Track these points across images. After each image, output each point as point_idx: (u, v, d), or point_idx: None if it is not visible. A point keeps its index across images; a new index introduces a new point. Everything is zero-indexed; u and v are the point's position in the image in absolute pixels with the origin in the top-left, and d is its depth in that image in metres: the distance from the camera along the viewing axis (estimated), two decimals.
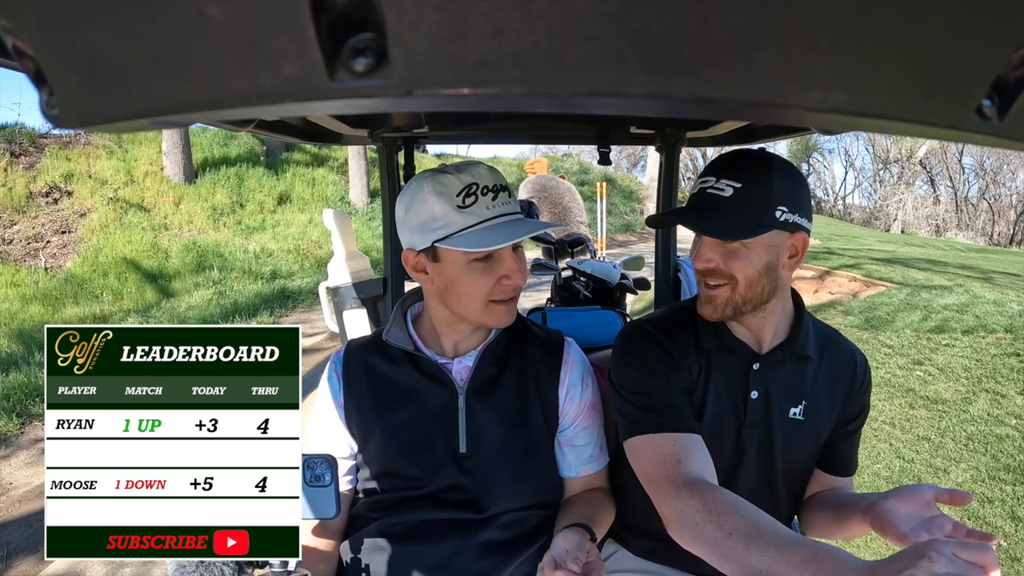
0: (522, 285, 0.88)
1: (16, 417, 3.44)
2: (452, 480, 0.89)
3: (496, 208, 0.83)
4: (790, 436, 0.87)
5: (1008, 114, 0.24)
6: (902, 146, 23.35)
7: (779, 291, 0.86)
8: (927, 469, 2.63)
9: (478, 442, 0.90)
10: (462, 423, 0.90)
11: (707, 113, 0.23)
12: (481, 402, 0.91)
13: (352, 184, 10.42)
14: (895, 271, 5.97)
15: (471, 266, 0.83)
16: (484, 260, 0.84)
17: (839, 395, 0.92)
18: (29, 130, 7.96)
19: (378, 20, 0.20)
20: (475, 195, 0.81)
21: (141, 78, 0.24)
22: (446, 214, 0.81)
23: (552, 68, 0.20)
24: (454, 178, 0.82)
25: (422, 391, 0.91)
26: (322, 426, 0.95)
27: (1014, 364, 3.43)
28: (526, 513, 0.93)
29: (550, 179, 3.48)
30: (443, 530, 0.89)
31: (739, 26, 0.20)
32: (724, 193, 0.80)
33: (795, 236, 0.83)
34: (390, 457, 0.91)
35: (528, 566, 0.93)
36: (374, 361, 0.94)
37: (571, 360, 0.97)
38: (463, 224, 0.81)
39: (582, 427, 0.96)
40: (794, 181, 0.83)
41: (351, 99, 0.22)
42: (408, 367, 0.93)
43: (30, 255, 6.53)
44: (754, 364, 0.89)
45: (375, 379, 0.93)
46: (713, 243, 0.83)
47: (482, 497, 0.90)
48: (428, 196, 0.82)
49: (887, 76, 0.22)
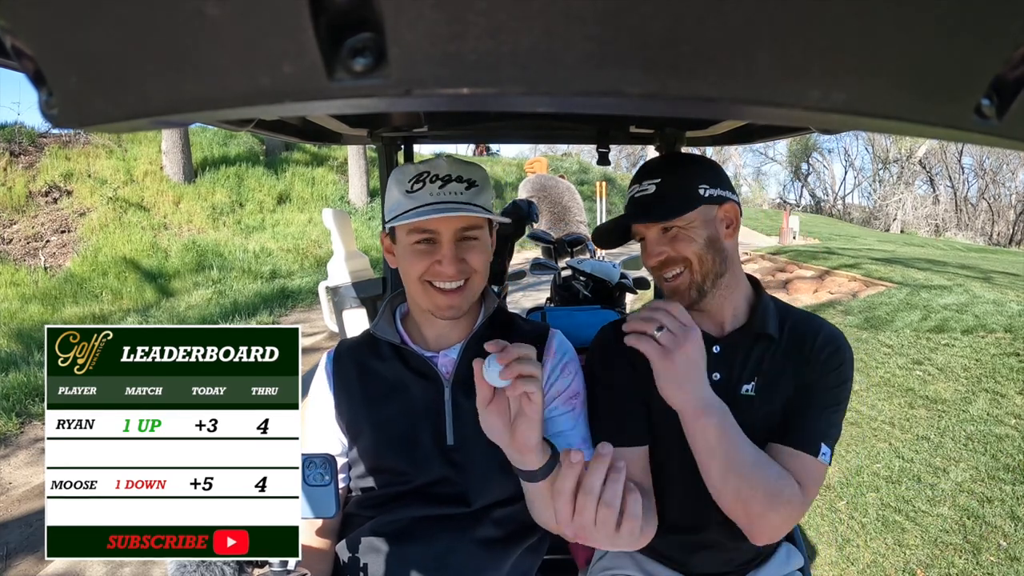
0: (452, 275, 0.88)
1: (16, 417, 3.44)
2: (440, 473, 0.90)
3: (440, 195, 0.87)
4: (741, 412, 0.88)
5: (1007, 114, 0.24)
6: (902, 146, 23.36)
7: (730, 263, 0.92)
8: (926, 468, 2.63)
9: (465, 434, 0.91)
10: (448, 415, 0.91)
11: (705, 113, 0.23)
12: (466, 394, 0.91)
13: (352, 183, 10.42)
14: (895, 271, 5.97)
15: (412, 248, 0.89)
16: (425, 243, 0.88)
17: (794, 367, 0.93)
18: (29, 129, 7.96)
19: (377, 20, 0.20)
20: (423, 182, 0.88)
21: (140, 78, 0.24)
22: (398, 198, 0.89)
23: (550, 67, 0.20)
24: (412, 168, 0.90)
25: (409, 385, 0.93)
26: (315, 424, 0.96)
27: (1013, 364, 3.43)
28: (516, 508, 0.93)
29: (549, 178, 3.47)
30: (435, 527, 0.90)
31: (738, 25, 0.20)
32: (649, 191, 0.91)
33: (724, 207, 0.91)
34: (379, 452, 0.92)
35: (523, 565, 0.94)
36: (363, 358, 0.96)
37: (553, 348, 0.98)
38: (408, 206, 0.88)
39: (561, 412, 0.95)
40: (707, 163, 0.94)
41: (350, 99, 0.22)
42: (395, 361, 0.95)
43: (29, 254, 6.52)
44: (714, 347, 0.93)
45: (364, 375, 0.95)
46: (657, 236, 0.91)
47: (471, 490, 0.91)
48: (392, 184, 0.92)
49: (886, 75, 0.22)
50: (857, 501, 2.46)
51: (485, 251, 0.92)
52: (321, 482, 0.73)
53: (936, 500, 2.41)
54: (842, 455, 2.82)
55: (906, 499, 2.43)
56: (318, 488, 0.73)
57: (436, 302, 0.90)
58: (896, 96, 0.23)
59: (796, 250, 8.35)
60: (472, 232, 0.90)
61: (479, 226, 0.90)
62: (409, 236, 0.88)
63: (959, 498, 2.41)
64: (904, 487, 2.52)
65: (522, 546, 0.93)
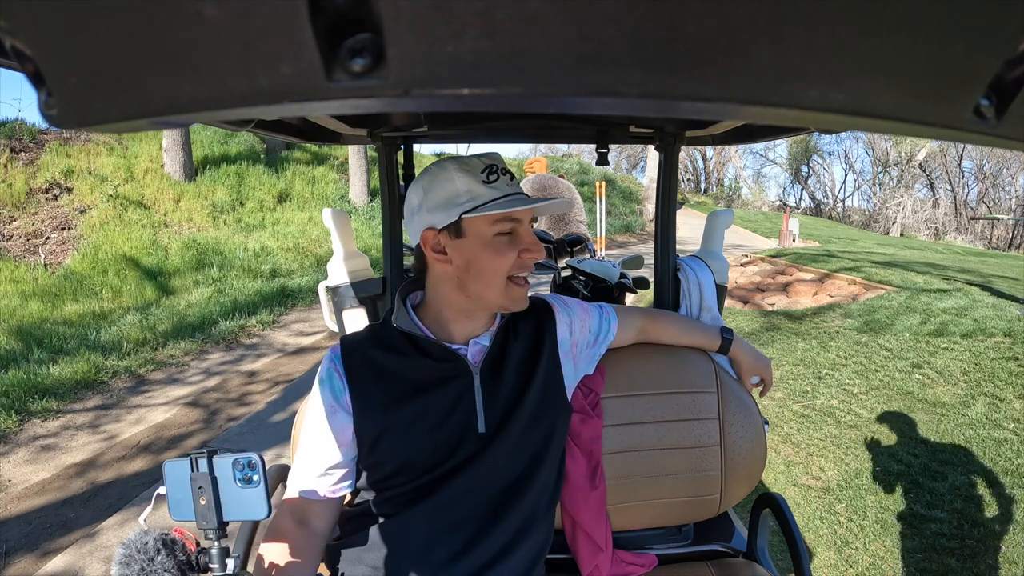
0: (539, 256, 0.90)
1: (15, 414, 3.43)
2: (471, 460, 0.90)
3: (514, 186, 0.88)
4: None
5: (1006, 114, 0.24)
6: (902, 149, 23.36)
7: None
8: (925, 472, 2.63)
9: (495, 421, 0.91)
10: (480, 404, 0.91)
11: (704, 113, 0.23)
12: (495, 381, 0.93)
13: (352, 183, 10.42)
14: (895, 274, 5.97)
15: (495, 240, 0.86)
16: (508, 235, 0.87)
17: None
18: (29, 126, 7.95)
19: (375, 20, 0.20)
20: (496, 174, 0.87)
21: (139, 79, 0.24)
22: (472, 188, 0.85)
23: (548, 68, 0.20)
24: (476, 160, 0.88)
25: (435, 379, 0.91)
26: (323, 430, 0.91)
27: (1012, 368, 3.43)
28: (534, 499, 0.94)
29: (549, 178, 3.47)
30: (454, 521, 0.90)
31: (736, 25, 0.20)
32: None
33: None
34: (407, 450, 0.89)
35: (532, 553, 0.95)
36: (377, 356, 0.92)
37: (558, 309, 1.06)
38: (490, 196, 0.85)
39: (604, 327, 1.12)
40: None
41: (349, 99, 0.22)
42: (416, 357, 0.91)
43: (29, 251, 6.52)
44: None
45: (382, 375, 0.90)
46: None
47: (499, 476, 0.92)
48: (454, 174, 0.86)
49: (885, 75, 0.22)
50: (856, 504, 2.46)
51: None
52: (251, 484, 0.71)
53: (934, 504, 2.41)
54: (841, 458, 2.82)
55: (905, 502, 2.43)
56: (249, 489, 0.71)
57: (514, 295, 0.90)
58: (895, 96, 0.23)
59: (796, 253, 8.35)
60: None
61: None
62: (493, 227, 0.86)
63: (957, 502, 2.41)
64: (903, 490, 2.52)
65: (530, 539, 0.94)
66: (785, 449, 2.95)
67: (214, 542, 0.71)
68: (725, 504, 1.20)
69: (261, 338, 5.17)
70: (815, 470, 2.75)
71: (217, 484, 0.70)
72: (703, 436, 1.17)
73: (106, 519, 2.47)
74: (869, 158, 27.23)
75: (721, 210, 1.52)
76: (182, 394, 3.86)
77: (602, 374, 1.15)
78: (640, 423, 1.16)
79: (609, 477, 1.14)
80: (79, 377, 3.99)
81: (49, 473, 2.86)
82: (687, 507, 1.19)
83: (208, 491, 0.70)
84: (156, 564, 0.67)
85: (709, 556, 1.25)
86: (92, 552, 2.25)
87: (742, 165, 30.86)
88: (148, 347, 4.68)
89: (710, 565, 1.19)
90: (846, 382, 3.61)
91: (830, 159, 30.35)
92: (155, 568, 0.66)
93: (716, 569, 1.18)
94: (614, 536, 1.16)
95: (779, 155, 32.52)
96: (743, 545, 1.27)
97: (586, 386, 1.14)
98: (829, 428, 3.10)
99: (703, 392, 1.18)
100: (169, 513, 0.71)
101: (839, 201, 29.88)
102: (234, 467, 0.71)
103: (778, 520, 1.14)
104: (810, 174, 30.80)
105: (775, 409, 3.37)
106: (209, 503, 0.70)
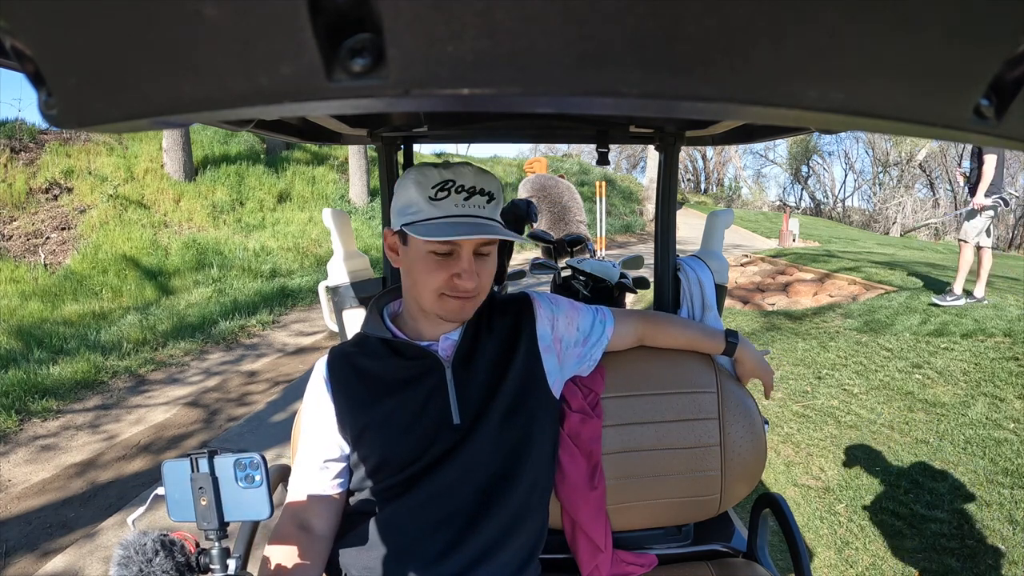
0: (472, 289, 0.89)
1: (15, 414, 3.43)
2: (448, 452, 0.91)
3: (465, 208, 0.86)
4: None
5: (1006, 114, 0.24)
6: (902, 149, 23.35)
7: None
8: (925, 472, 2.63)
9: (469, 412, 0.93)
10: (452, 395, 0.93)
11: (704, 113, 0.23)
12: (467, 373, 0.94)
13: (352, 182, 10.41)
14: (895, 274, 5.97)
15: (429, 257, 0.88)
16: (443, 255, 0.88)
17: None
18: (29, 126, 7.95)
19: (375, 20, 0.20)
20: (448, 191, 0.85)
21: (139, 79, 0.24)
22: (418, 202, 0.86)
23: (548, 68, 0.20)
24: (436, 172, 0.87)
25: (407, 375, 0.94)
26: (314, 431, 0.96)
27: (1012, 368, 3.43)
28: (521, 488, 0.94)
29: (549, 178, 3.47)
30: (444, 511, 0.90)
31: (736, 25, 0.20)
32: None
33: None
34: (385, 445, 0.92)
35: (524, 550, 0.95)
36: (358, 360, 0.96)
37: (539, 305, 1.06)
38: (429, 214, 0.85)
39: (588, 325, 1.10)
40: None
41: (349, 99, 0.22)
42: (389, 357, 0.95)
43: (29, 251, 6.52)
44: None
45: (361, 377, 0.95)
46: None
47: (478, 466, 0.92)
48: (410, 183, 0.87)
49: (885, 75, 0.22)
50: (856, 504, 2.46)
51: (494, 263, 0.94)
52: (253, 483, 0.72)
53: (934, 504, 2.41)
54: (841, 458, 2.82)
55: (905, 502, 2.43)
56: (251, 490, 0.71)
57: (449, 308, 0.91)
58: (895, 96, 0.23)
59: (796, 253, 8.34)
60: (486, 248, 0.91)
61: (493, 242, 0.92)
62: (427, 245, 0.87)
63: (957, 502, 2.41)
64: (903, 490, 2.52)
65: (521, 536, 0.94)
66: (785, 449, 2.95)
67: (215, 543, 0.71)
68: (725, 504, 1.20)
69: (261, 338, 5.17)
70: (815, 470, 2.75)
71: (218, 484, 0.71)
72: (703, 436, 1.17)
73: (106, 519, 2.47)
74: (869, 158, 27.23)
75: (721, 210, 1.51)
76: (182, 394, 3.86)
77: (602, 374, 1.15)
78: (640, 423, 1.16)
79: (609, 477, 1.14)
80: (79, 377, 3.99)
81: (49, 473, 2.86)
82: (687, 507, 1.19)
83: (209, 491, 0.70)
84: (155, 566, 0.66)
85: (709, 556, 1.25)
86: (92, 552, 2.25)
87: (742, 165, 30.86)
88: (148, 347, 4.69)
89: (710, 565, 1.19)
90: (846, 382, 3.61)
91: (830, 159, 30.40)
92: (153, 570, 0.66)
93: (716, 569, 1.18)
94: (614, 536, 1.16)
95: (779, 155, 32.53)
96: (743, 545, 1.27)
97: (586, 386, 1.14)
98: (829, 428, 3.10)
99: (703, 392, 1.18)
100: (168, 514, 0.71)
101: (839, 201, 29.87)
102: (236, 467, 0.71)
103: (778, 520, 1.14)
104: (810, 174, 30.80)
105: (775, 409, 3.37)
106: (210, 503, 0.70)
